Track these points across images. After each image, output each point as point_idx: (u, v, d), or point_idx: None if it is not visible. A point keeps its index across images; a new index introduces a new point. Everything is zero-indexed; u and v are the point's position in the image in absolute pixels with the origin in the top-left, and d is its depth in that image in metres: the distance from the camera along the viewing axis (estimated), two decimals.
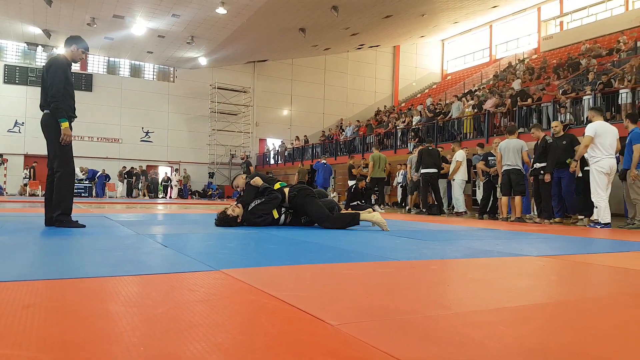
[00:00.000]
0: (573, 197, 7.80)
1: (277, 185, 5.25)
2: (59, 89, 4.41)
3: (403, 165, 14.42)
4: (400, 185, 15.49)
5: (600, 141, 6.53)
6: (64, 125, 4.43)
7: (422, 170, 10.52)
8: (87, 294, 1.72)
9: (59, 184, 4.47)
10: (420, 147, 11.11)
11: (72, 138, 4.56)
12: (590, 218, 7.12)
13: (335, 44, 26.59)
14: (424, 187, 10.68)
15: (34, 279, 1.92)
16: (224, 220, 5.01)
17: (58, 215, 4.42)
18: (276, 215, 5.11)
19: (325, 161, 14.84)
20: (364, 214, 5.03)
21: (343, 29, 23.20)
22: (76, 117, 4.72)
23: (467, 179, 10.46)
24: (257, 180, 5.13)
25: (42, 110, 4.56)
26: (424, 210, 10.68)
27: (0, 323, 1.29)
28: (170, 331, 1.26)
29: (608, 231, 6.19)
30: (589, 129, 6.68)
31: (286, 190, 5.23)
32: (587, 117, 12.42)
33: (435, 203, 10.67)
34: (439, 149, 11.60)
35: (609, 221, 6.52)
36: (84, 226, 4.46)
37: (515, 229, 6.10)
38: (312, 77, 29.44)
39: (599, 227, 6.52)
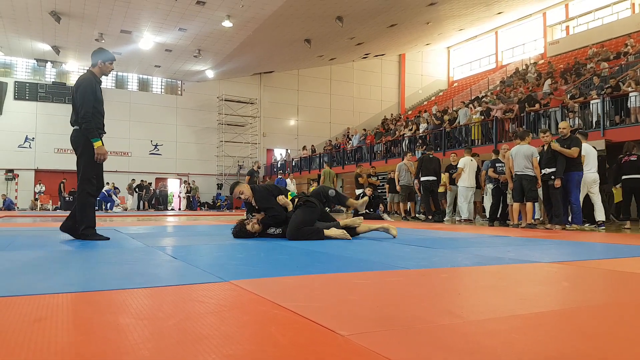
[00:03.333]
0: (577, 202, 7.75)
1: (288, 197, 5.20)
2: (88, 109, 4.49)
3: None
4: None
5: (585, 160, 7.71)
6: (97, 144, 4.50)
7: (422, 178, 10.59)
8: (98, 307, 1.72)
9: (79, 199, 4.59)
10: (421, 155, 11.19)
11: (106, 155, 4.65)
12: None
13: (340, 54, 26.72)
14: (425, 195, 10.77)
15: (44, 293, 1.93)
16: (241, 233, 5.02)
17: (83, 229, 4.53)
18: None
19: (281, 177, 17.50)
20: (327, 231, 4.86)
21: (348, 39, 23.31)
22: (105, 132, 4.79)
23: (474, 185, 10.36)
24: (285, 201, 5.04)
25: (73, 126, 4.65)
26: (430, 217, 10.70)
27: (12, 337, 1.30)
28: (181, 343, 1.25)
29: (623, 236, 6.13)
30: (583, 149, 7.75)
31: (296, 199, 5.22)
32: (596, 122, 12.36)
33: (435, 210, 10.74)
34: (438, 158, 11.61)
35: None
36: (109, 238, 4.57)
37: (526, 235, 6.05)
38: (318, 87, 29.56)
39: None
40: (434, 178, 10.54)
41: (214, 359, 1.13)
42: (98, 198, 17.90)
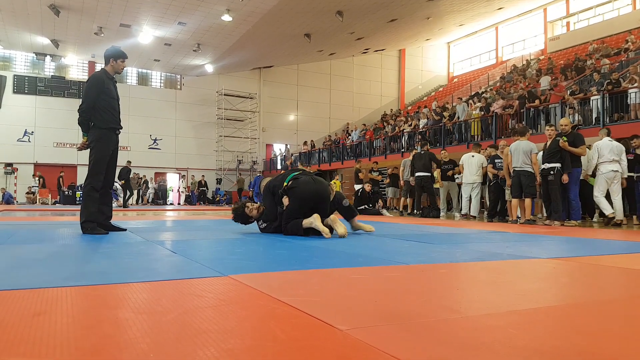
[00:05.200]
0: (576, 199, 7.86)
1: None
2: (88, 105, 4.68)
3: None
4: None
5: None
6: (84, 138, 4.79)
7: (416, 174, 10.72)
8: (97, 301, 1.73)
9: (84, 193, 4.72)
10: (413, 152, 11.37)
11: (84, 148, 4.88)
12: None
13: (340, 49, 26.65)
14: (417, 191, 10.91)
15: (44, 287, 1.93)
16: (238, 212, 4.99)
17: (83, 222, 4.60)
18: None
19: (259, 175, 18.97)
20: (305, 220, 4.37)
21: (348, 33, 23.25)
22: (122, 127, 5.03)
23: (476, 181, 10.33)
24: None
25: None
26: (417, 212, 10.83)
27: (12, 331, 1.30)
28: (180, 337, 1.26)
29: (622, 232, 6.14)
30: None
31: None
32: (595, 118, 12.35)
33: (429, 205, 10.80)
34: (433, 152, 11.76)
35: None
36: (107, 233, 4.61)
37: (525, 231, 6.06)
38: (317, 82, 29.51)
39: None
40: (425, 174, 10.64)
41: (212, 353, 1.14)
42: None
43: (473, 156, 10.32)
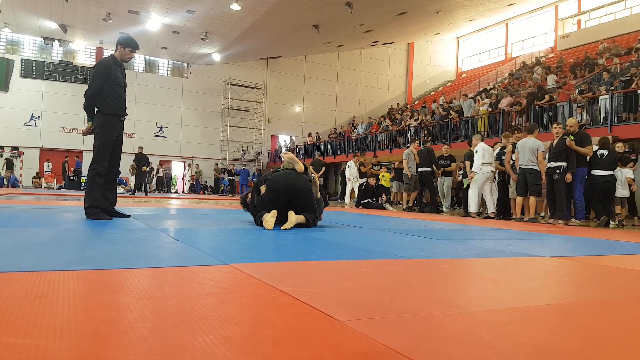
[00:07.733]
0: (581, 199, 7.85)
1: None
2: (94, 90, 4.71)
3: None
4: None
5: None
6: (89, 124, 4.81)
7: (419, 169, 10.81)
8: (99, 286, 1.74)
9: (89, 178, 4.76)
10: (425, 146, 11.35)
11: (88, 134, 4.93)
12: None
13: (348, 41, 26.51)
14: (419, 186, 11.03)
15: (46, 270, 1.94)
16: (243, 200, 5.34)
17: (87, 207, 4.64)
18: None
19: (244, 167, 20.15)
20: (264, 215, 4.36)
21: (357, 25, 23.11)
22: (127, 114, 5.03)
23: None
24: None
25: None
26: (417, 208, 10.84)
27: (14, 313, 1.31)
28: (180, 323, 1.26)
29: (625, 233, 6.12)
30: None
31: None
32: (603, 118, 12.26)
33: (427, 202, 10.82)
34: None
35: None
36: (111, 219, 4.65)
37: (528, 229, 6.05)
38: (324, 74, 29.38)
39: None
40: (426, 169, 10.64)
41: (211, 339, 1.14)
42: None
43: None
